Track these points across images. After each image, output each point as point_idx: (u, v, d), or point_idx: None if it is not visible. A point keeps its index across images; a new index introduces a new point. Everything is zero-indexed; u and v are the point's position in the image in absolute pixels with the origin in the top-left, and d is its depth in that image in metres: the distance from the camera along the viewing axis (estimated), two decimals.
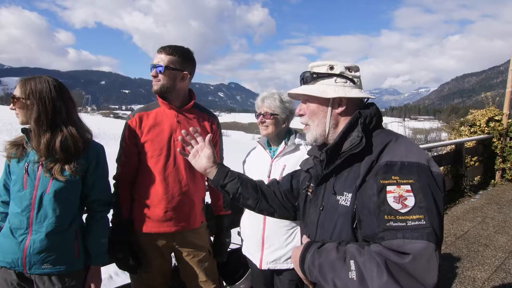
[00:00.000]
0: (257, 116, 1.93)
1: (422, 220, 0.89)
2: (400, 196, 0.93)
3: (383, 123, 1.19)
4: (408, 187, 0.93)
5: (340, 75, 1.13)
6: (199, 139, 1.41)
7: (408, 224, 0.89)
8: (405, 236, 0.88)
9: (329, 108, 1.13)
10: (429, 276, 0.85)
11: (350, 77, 1.14)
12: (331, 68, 1.14)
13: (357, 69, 1.17)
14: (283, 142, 1.95)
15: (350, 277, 0.90)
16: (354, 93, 1.12)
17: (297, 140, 1.92)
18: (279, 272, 1.90)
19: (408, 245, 0.88)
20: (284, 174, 1.84)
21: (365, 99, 1.17)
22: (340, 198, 1.07)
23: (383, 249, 0.90)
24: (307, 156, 1.34)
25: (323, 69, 1.15)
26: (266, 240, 1.88)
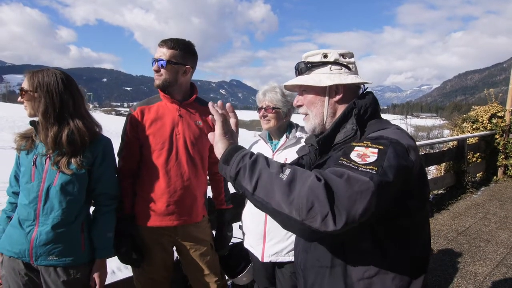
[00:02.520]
0: (259, 110, 1.93)
1: (374, 170, 0.84)
2: (363, 154, 0.89)
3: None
4: (375, 150, 0.89)
5: (335, 63, 1.12)
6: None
7: (359, 169, 0.85)
8: (349, 171, 0.85)
9: (326, 97, 1.12)
10: (353, 205, 0.79)
11: (345, 63, 1.13)
12: (325, 56, 1.13)
13: (351, 55, 1.15)
14: (284, 135, 1.95)
15: (279, 176, 0.85)
16: (350, 79, 1.11)
17: (298, 134, 1.92)
18: (281, 264, 1.90)
19: (348, 173, 0.84)
20: None
21: (363, 86, 1.16)
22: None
23: (325, 172, 0.88)
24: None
25: (317, 58, 1.14)
26: (268, 233, 1.89)
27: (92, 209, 1.77)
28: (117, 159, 1.89)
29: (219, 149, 0.99)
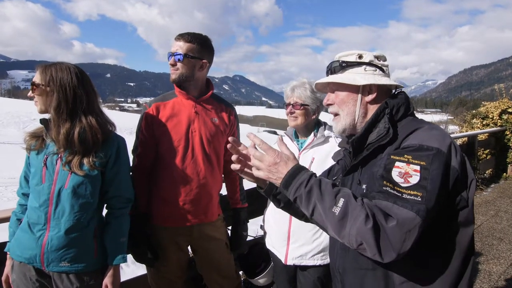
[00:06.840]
0: (286, 106, 1.85)
1: (418, 197, 0.88)
2: (405, 173, 0.92)
3: None
4: (417, 168, 0.91)
5: (370, 64, 1.13)
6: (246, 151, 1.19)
7: (403, 196, 0.90)
8: (396, 202, 0.89)
9: (359, 96, 1.12)
10: (403, 244, 0.87)
11: (379, 65, 1.14)
12: (360, 57, 1.14)
13: (385, 58, 1.17)
14: (312, 133, 1.86)
15: (332, 210, 0.91)
16: (384, 80, 1.11)
17: (327, 132, 1.83)
18: (304, 268, 1.83)
19: (395, 209, 0.88)
20: (312, 167, 1.77)
21: (395, 89, 1.17)
22: (366, 187, 1.06)
23: (375, 206, 0.91)
24: (338, 148, 1.32)
25: (352, 58, 1.15)
26: (292, 235, 1.81)
27: (104, 212, 1.67)
28: (131, 156, 1.84)
29: (279, 174, 1.00)
